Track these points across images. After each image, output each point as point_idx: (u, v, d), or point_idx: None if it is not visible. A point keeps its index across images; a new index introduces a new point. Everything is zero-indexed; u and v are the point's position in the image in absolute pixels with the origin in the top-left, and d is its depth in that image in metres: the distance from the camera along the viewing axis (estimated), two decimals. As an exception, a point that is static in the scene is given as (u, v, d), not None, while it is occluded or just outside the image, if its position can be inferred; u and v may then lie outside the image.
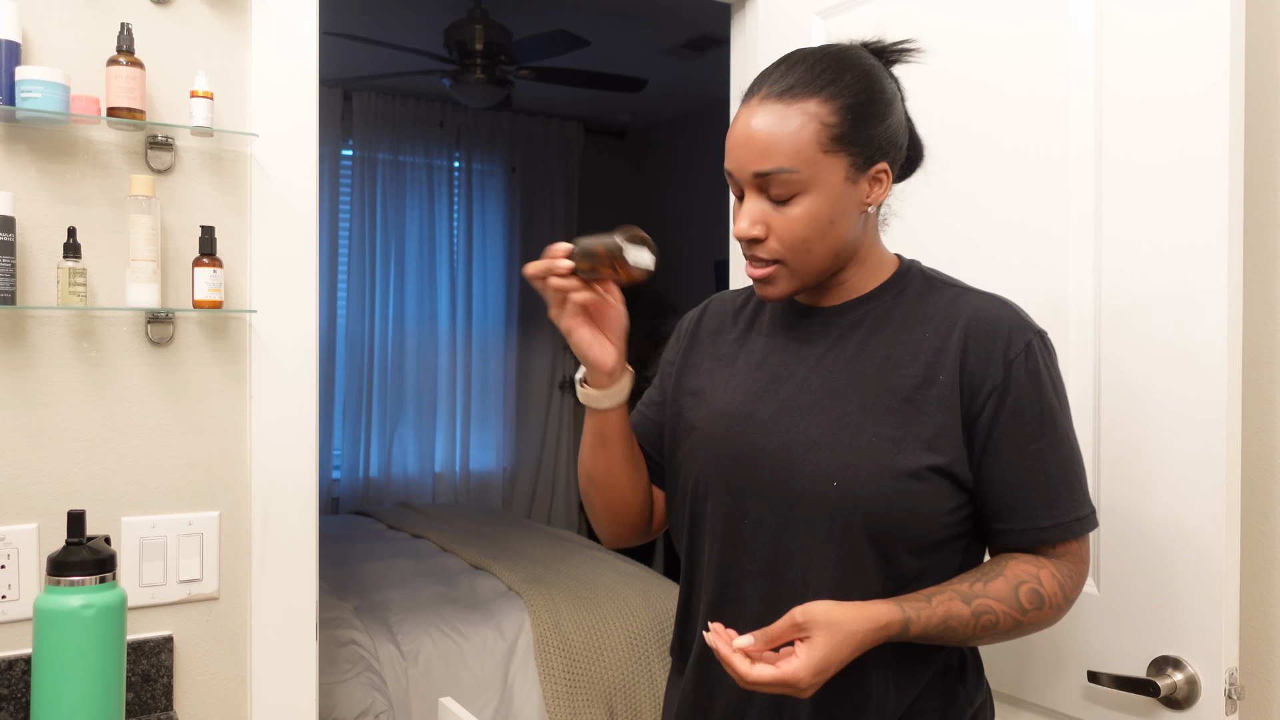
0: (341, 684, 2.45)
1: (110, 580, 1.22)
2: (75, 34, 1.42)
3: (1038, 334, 1.03)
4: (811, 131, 0.99)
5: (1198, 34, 1.17)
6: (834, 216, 1.01)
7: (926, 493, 1.00)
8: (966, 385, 1.01)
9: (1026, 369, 1.01)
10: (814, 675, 0.92)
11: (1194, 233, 1.17)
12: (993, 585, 0.99)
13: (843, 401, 1.04)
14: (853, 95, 1.01)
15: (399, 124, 4.89)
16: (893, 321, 1.07)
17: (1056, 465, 1.01)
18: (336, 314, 4.78)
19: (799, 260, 1.03)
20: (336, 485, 4.86)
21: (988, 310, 1.04)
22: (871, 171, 1.03)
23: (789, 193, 1.00)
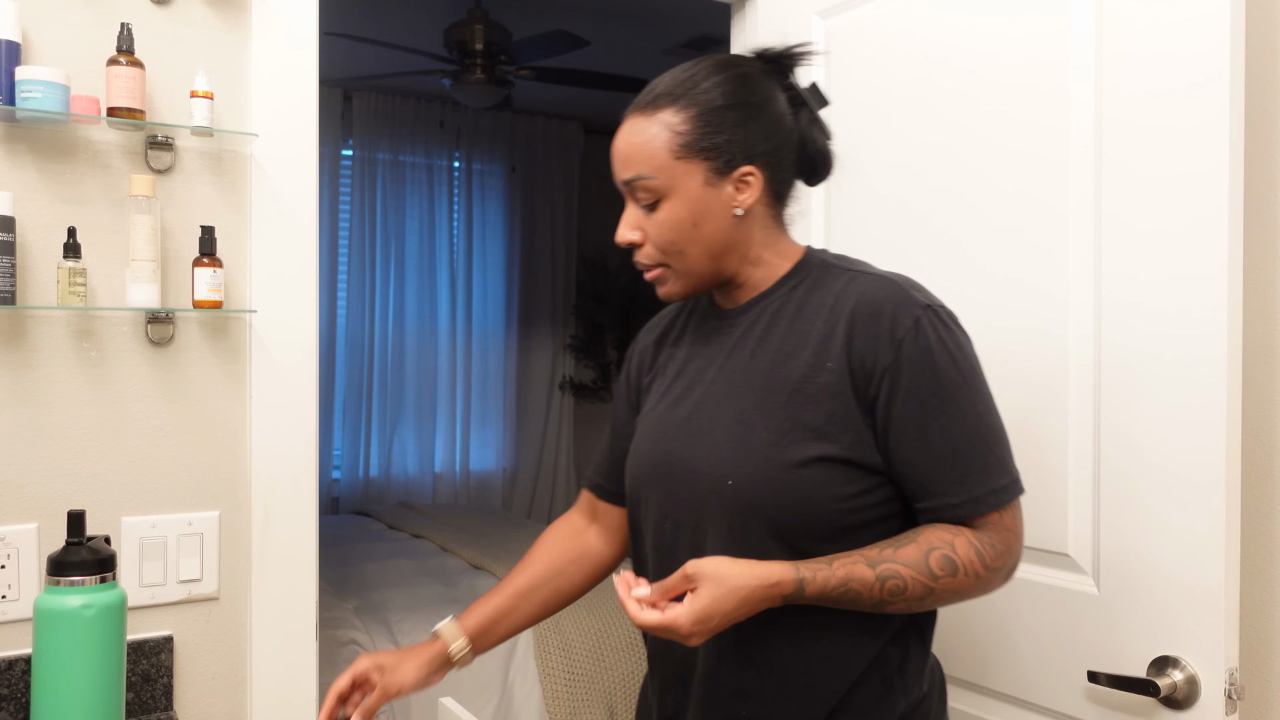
0: (341, 684, 2.45)
1: (110, 580, 1.22)
2: (75, 34, 1.42)
3: (926, 308, 1.02)
4: (664, 140, 1.05)
5: (1198, 32, 1.17)
6: (696, 219, 1.06)
7: (819, 481, 1.01)
8: (857, 370, 1.02)
9: (917, 346, 1.00)
10: (695, 623, 0.96)
11: (1194, 236, 1.17)
12: (903, 551, 1.00)
13: (739, 400, 1.07)
14: (706, 103, 1.05)
15: (399, 124, 4.89)
16: (787, 314, 1.09)
17: (962, 439, 1.01)
18: (336, 314, 4.78)
19: (675, 261, 1.08)
20: (336, 485, 4.86)
21: (872, 292, 1.04)
22: (735, 175, 1.06)
23: (651, 198, 1.06)
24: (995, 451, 1.02)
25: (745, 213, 1.08)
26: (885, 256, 1.56)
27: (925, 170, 1.49)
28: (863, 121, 1.60)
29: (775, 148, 1.08)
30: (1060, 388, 1.30)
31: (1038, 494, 1.33)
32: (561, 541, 1.29)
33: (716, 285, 1.13)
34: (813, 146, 1.13)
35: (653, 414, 1.17)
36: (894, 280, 1.05)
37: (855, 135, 1.61)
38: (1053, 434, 1.31)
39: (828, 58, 1.68)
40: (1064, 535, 1.30)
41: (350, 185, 4.81)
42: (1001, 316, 1.38)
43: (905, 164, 1.52)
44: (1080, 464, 1.28)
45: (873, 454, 1.03)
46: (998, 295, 1.38)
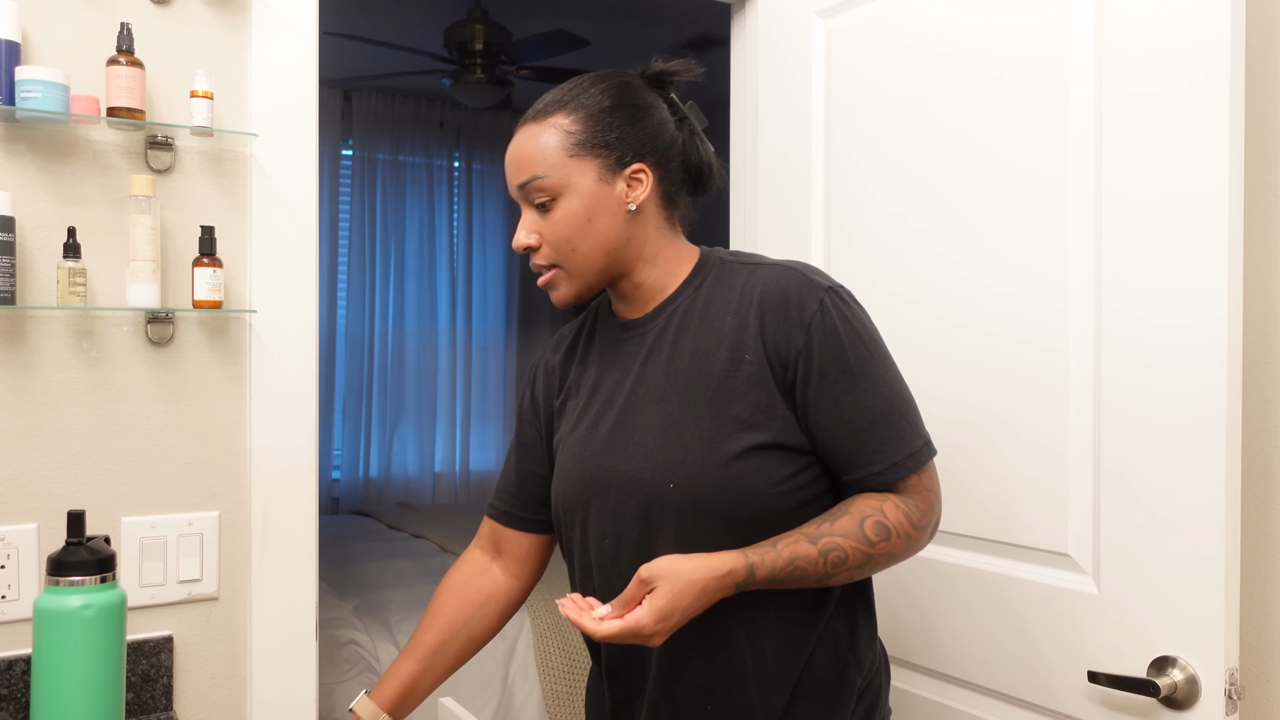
0: (341, 684, 2.45)
1: (110, 580, 1.22)
2: (75, 34, 1.42)
3: (828, 290, 1.07)
4: (556, 140, 1.10)
5: (1197, 34, 1.17)
6: (591, 215, 1.10)
7: (757, 469, 1.05)
8: (774, 358, 1.06)
9: (824, 328, 1.05)
10: (657, 621, 0.97)
11: (1193, 234, 1.17)
12: (839, 523, 1.04)
13: (665, 404, 1.10)
14: (595, 104, 1.10)
15: (399, 124, 4.89)
16: (695, 314, 1.12)
17: (876, 411, 1.06)
18: (336, 314, 4.78)
19: (570, 261, 1.11)
20: (336, 485, 4.86)
21: (776, 281, 1.08)
22: (627, 172, 1.11)
23: (546, 197, 1.10)
24: (907, 418, 1.07)
25: (638, 210, 1.12)
26: (883, 254, 1.56)
27: (924, 169, 1.49)
28: (862, 120, 1.60)
29: (662, 149, 1.13)
30: (1060, 388, 1.30)
31: (1038, 494, 1.33)
32: (465, 587, 1.27)
33: (607, 285, 1.16)
34: (695, 157, 1.18)
35: (575, 434, 1.17)
36: (793, 268, 1.10)
37: (855, 134, 1.61)
38: (1053, 434, 1.31)
39: (828, 57, 1.67)
40: (1064, 535, 1.30)
41: (350, 185, 4.81)
42: (1001, 316, 1.38)
43: (904, 162, 1.52)
44: (1080, 464, 1.28)
45: (799, 436, 1.07)
46: (997, 296, 1.38)
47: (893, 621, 1.54)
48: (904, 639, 1.52)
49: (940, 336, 1.46)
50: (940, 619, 1.47)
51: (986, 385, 1.39)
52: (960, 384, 1.43)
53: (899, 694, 1.54)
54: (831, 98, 1.66)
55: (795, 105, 1.74)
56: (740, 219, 1.96)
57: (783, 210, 1.76)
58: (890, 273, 1.55)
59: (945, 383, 1.45)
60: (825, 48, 1.68)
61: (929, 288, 1.48)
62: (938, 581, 1.46)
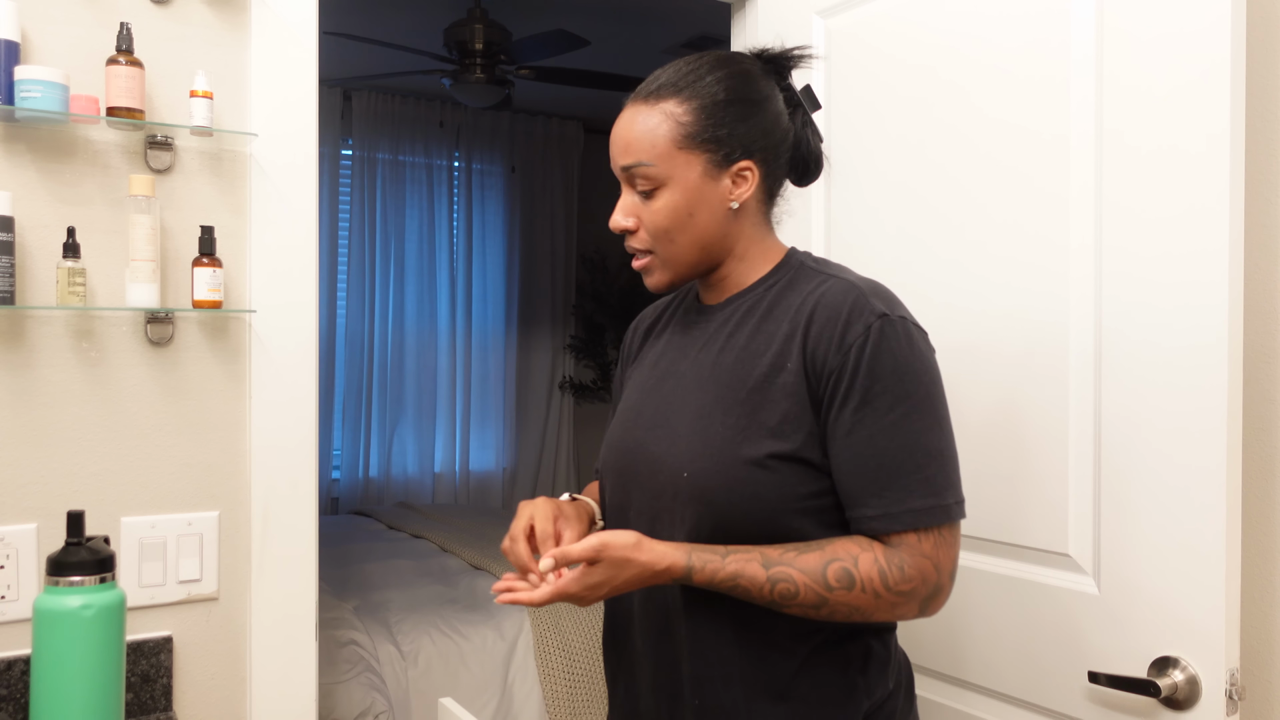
0: (341, 684, 2.45)
1: (109, 580, 1.22)
2: (75, 34, 1.42)
3: (882, 317, 1.02)
4: (666, 129, 1.07)
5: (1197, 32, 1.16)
6: (692, 209, 1.08)
7: (773, 480, 1.03)
8: (811, 371, 1.04)
9: (863, 353, 1.01)
10: (587, 590, 1.01)
11: (1194, 233, 1.17)
12: (805, 557, 1.00)
13: (703, 394, 1.09)
14: (710, 96, 1.07)
15: (399, 124, 4.89)
16: (759, 313, 1.11)
17: (890, 454, 1.00)
18: (336, 314, 4.78)
19: (665, 250, 1.10)
20: (336, 485, 4.85)
21: (833, 296, 1.05)
22: (733, 169, 1.08)
23: (650, 186, 1.08)
24: (925, 472, 1.00)
25: (740, 207, 1.10)
26: (883, 251, 1.55)
27: (924, 168, 1.49)
28: (863, 119, 1.60)
29: (772, 145, 1.11)
30: (1060, 388, 1.30)
31: (1038, 494, 1.33)
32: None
33: (700, 276, 1.15)
34: (806, 148, 1.16)
35: (627, 403, 1.20)
36: (858, 286, 1.05)
37: (855, 133, 1.61)
38: (1053, 435, 1.31)
39: (828, 56, 1.67)
40: (1064, 535, 1.29)
41: (350, 185, 4.81)
42: (1000, 316, 1.38)
43: (904, 162, 1.52)
44: (1080, 465, 1.28)
45: (822, 456, 1.04)
46: (998, 294, 1.38)
47: (893, 622, 1.54)
48: (904, 638, 1.52)
49: (940, 334, 1.46)
50: (940, 619, 1.46)
51: (986, 384, 1.39)
52: (960, 383, 1.43)
53: (899, 694, 1.54)
54: (832, 96, 1.66)
55: (795, 105, 1.74)
56: (740, 219, 1.96)
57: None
58: (890, 271, 1.54)
59: (945, 380, 1.45)
60: (825, 47, 1.68)
61: (929, 285, 1.48)
62: (938, 581, 1.46)
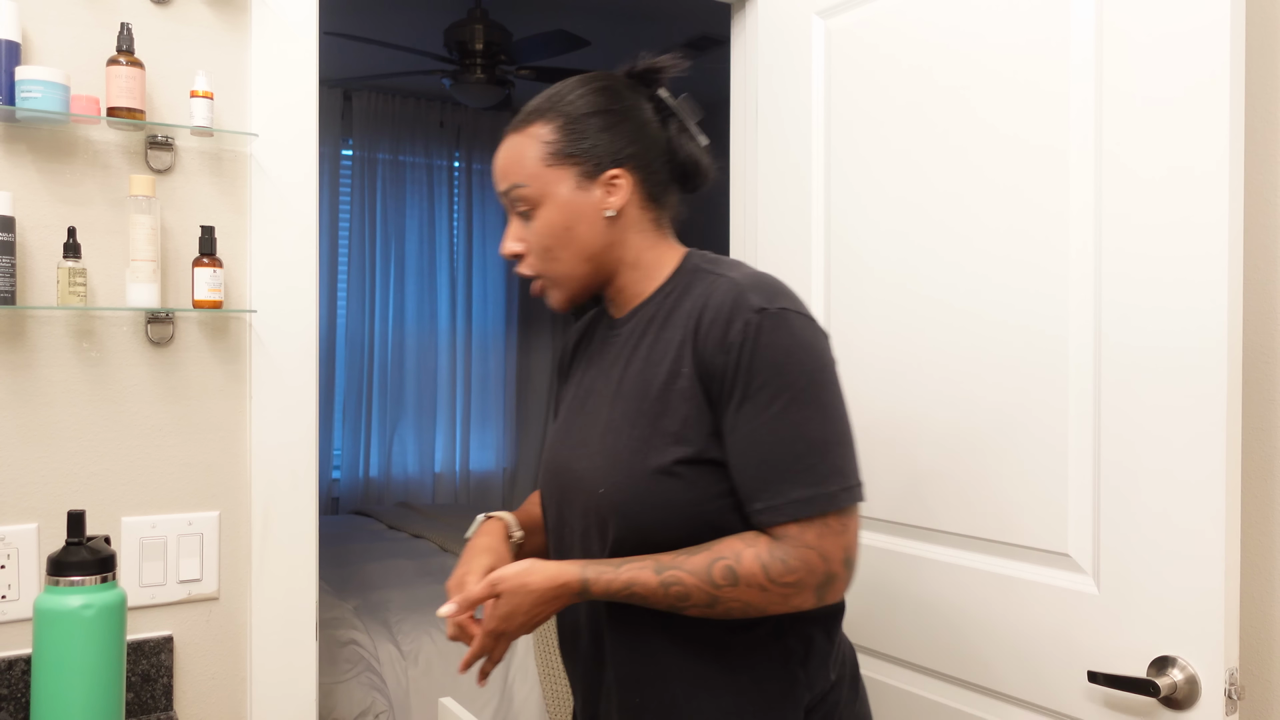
0: (341, 684, 2.45)
1: (110, 580, 1.22)
2: (75, 34, 1.42)
3: (759, 312, 1.03)
4: (534, 150, 1.11)
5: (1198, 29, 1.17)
6: (569, 224, 1.11)
7: (680, 486, 1.05)
8: (703, 374, 1.05)
9: (743, 351, 1.02)
10: (502, 624, 1.05)
11: (1195, 232, 1.17)
12: (693, 559, 1.02)
13: (612, 409, 1.11)
14: (572, 112, 1.11)
15: (399, 124, 4.89)
16: (658, 322, 1.12)
17: (770, 447, 1.01)
18: (336, 314, 4.78)
19: (552, 268, 1.13)
20: (336, 485, 4.85)
21: (718, 297, 1.06)
22: (603, 178, 1.11)
23: (527, 207, 1.12)
24: (806, 462, 1.00)
25: (617, 215, 1.12)
26: (884, 252, 1.55)
27: (925, 168, 1.49)
28: (862, 118, 1.60)
29: (642, 151, 1.14)
30: (1060, 388, 1.30)
31: (1038, 494, 1.33)
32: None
33: (597, 289, 1.17)
34: (683, 154, 1.17)
35: (557, 423, 1.23)
36: (739, 284, 1.06)
37: (855, 132, 1.61)
38: (1052, 434, 1.31)
39: (828, 56, 1.68)
40: (1064, 535, 1.30)
41: (350, 185, 4.81)
42: (999, 316, 1.38)
43: (905, 159, 1.52)
44: (1080, 464, 1.28)
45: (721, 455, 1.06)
46: (998, 292, 1.38)
47: (892, 621, 1.54)
48: (904, 638, 1.52)
49: (940, 334, 1.46)
50: (939, 619, 1.47)
51: (986, 383, 1.39)
52: (960, 382, 1.43)
53: (899, 693, 1.54)
54: (832, 96, 1.67)
55: (795, 104, 1.74)
56: (740, 218, 1.96)
57: (783, 209, 1.76)
58: (891, 271, 1.55)
59: (945, 381, 1.45)
60: (825, 47, 1.68)
61: (929, 285, 1.48)
62: (936, 582, 1.46)
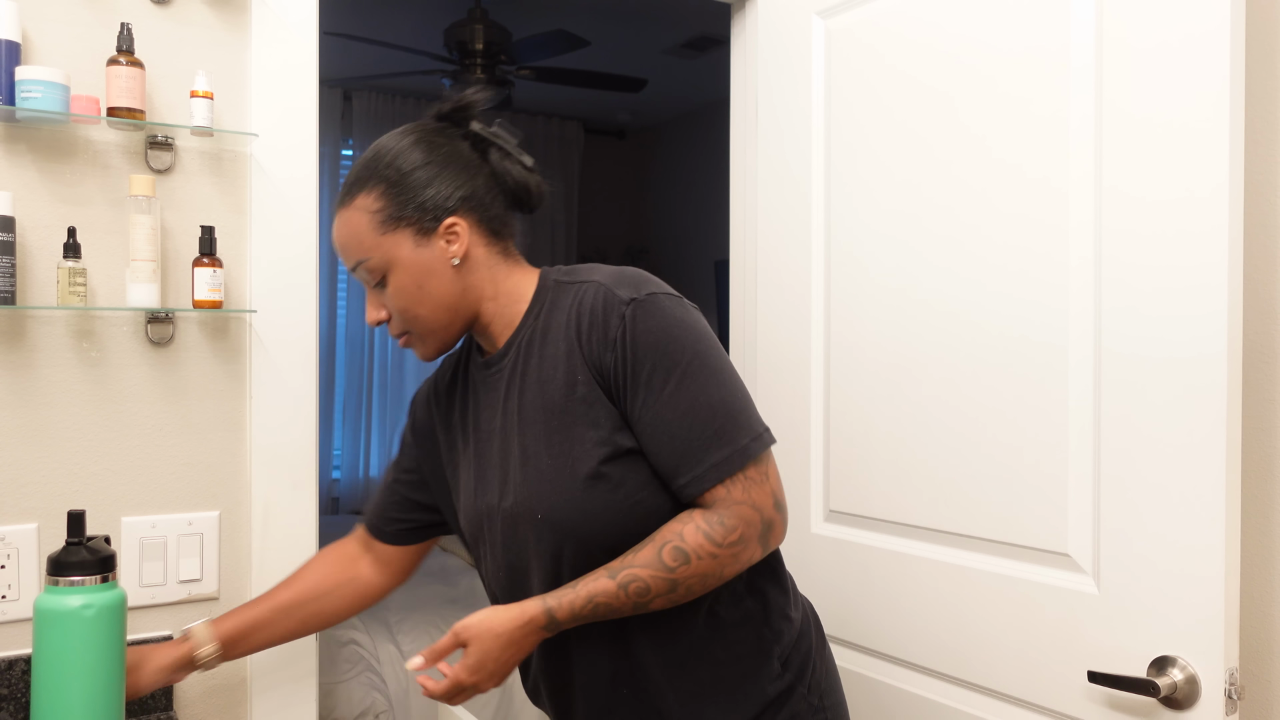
0: (341, 684, 2.45)
1: (110, 580, 1.22)
2: (75, 34, 1.42)
3: (629, 304, 1.08)
4: (365, 221, 1.13)
5: (1198, 27, 1.17)
6: (419, 281, 1.13)
7: (613, 484, 1.07)
8: (597, 376, 1.09)
9: (625, 342, 1.06)
10: (472, 674, 1.05)
11: (1195, 231, 1.17)
12: (641, 554, 1.05)
13: (523, 437, 1.13)
14: (389, 177, 1.12)
15: (399, 124, 4.88)
16: (536, 344, 1.15)
17: (675, 423, 1.05)
18: (336, 314, 4.78)
19: (417, 325, 1.15)
20: (336, 485, 4.85)
21: (589, 300, 1.10)
22: (440, 230, 1.13)
23: (377, 276, 1.14)
24: (712, 426, 1.05)
25: (463, 260, 1.14)
26: (884, 253, 1.55)
27: (925, 167, 1.49)
28: (863, 118, 1.60)
29: (471, 192, 1.15)
30: (1060, 388, 1.30)
31: (1037, 493, 1.33)
32: (332, 564, 1.35)
33: (465, 332, 1.19)
34: (511, 180, 1.19)
35: (465, 471, 1.22)
36: (604, 284, 1.10)
37: (855, 133, 1.61)
38: (1053, 434, 1.31)
39: (828, 56, 1.67)
40: (1064, 535, 1.30)
41: (350, 185, 4.80)
42: (999, 318, 1.38)
43: (905, 161, 1.52)
44: (1080, 464, 1.28)
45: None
46: (997, 293, 1.38)
47: (891, 620, 1.54)
48: (904, 639, 1.52)
49: (941, 334, 1.46)
50: (940, 619, 1.47)
51: (987, 385, 1.39)
52: (961, 384, 1.43)
53: (899, 693, 1.54)
54: (832, 97, 1.67)
55: (795, 105, 1.74)
56: (740, 219, 1.96)
57: (782, 210, 1.76)
58: (891, 271, 1.55)
59: (946, 383, 1.45)
60: (825, 47, 1.68)
61: (930, 286, 1.48)
62: (936, 582, 1.46)
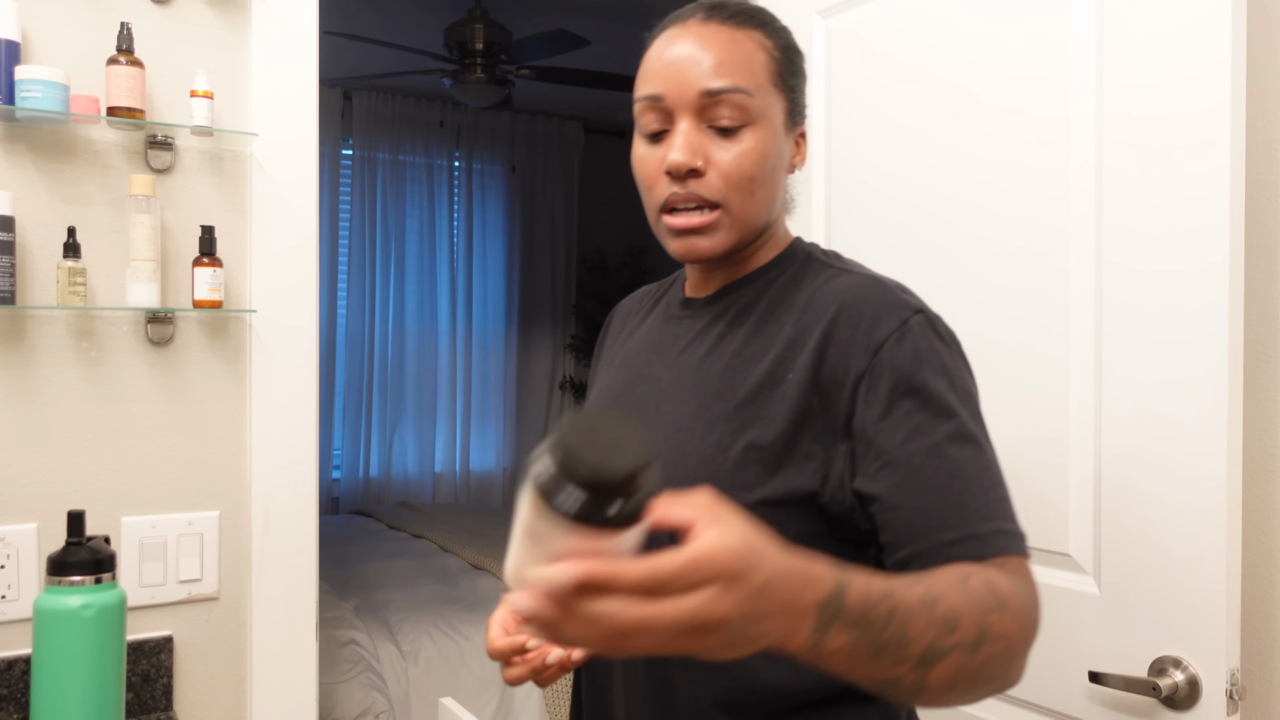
0: (341, 684, 2.45)
1: (110, 580, 1.22)
2: (75, 33, 1.42)
3: (917, 312, 0.86)
4: (764, 59, 0.91)
5: (1199, 29, 1.17)
6: (776, 161, 0.92)
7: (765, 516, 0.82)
8: (826, 383, 0.85)
9: (901, 352, 0.83)
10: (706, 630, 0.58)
11: (1195, 232, 1.17)
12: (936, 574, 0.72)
13: (682, 405, 0.92)
14: (788, 41, 0.95)
15: (399, 123, 4.89)
16: (757, 311, 0.94)
17: (957, 468, 0.79)
18: (336, 314, 4.78)
19: (741, 203, 0.90)
20: (336, 485, 4.86)
21: (853, 291, 0.88)
22: (797, 130, 0.97)
23: (739, 121, 0.89)
24: (996, 494, 0.80)
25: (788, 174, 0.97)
26: (884, 254, 1.55)
27: (925, 166, 1.49)
28: (863, 117, 1.60)
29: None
30: (1061, 388, 1.30)
31: (1038, 494, 1.33)
32: None
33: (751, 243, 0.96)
34: None
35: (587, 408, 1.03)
36: (881, 280, 0.90)
37: (855, 132, 1.61)
38: (1053, 434, 1.31)
39: (828, 56, 1.67)
40: (1064, 535, 1.30)
41: (350, 185, 4.81)
42: (1000, 315, 1.38)
43: (905, 159, 1.52)
44: (1081, 464, 1.28)
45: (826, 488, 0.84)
46: (998, 290, 1.38)
47: (893, 621, 1.54)
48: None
49: (941, 336, 1.46)
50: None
51: (987, 382, 1.39)
52: (961, 384, 1.43)
53: (899, 694, 1.54)
54: (832, 96, 1.66)
55: (795, 105, 1.74)
56: (740, 219, 1.96)
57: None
58: (890, 271, 1.54)
59: (946, 383, 1.45)
60: (825, 47, 1.68)
61: (930, 285, 1.48)
62: (938, 581, 1.46)
